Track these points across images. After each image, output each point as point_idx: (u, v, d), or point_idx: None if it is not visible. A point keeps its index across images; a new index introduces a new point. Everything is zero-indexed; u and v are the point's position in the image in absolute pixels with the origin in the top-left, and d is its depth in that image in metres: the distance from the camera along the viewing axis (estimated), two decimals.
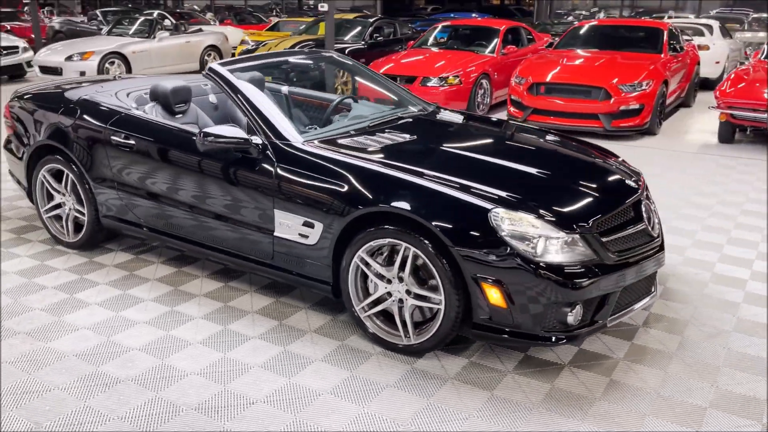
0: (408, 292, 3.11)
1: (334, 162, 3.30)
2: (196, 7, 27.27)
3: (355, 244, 3.17)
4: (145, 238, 4.13)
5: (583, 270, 2.88)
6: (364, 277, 3.25)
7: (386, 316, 3.27)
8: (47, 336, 3.35)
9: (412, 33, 12.94)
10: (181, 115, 4.29)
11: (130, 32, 13.65)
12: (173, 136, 3.78)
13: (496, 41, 10.39)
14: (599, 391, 2.93)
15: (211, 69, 3.83)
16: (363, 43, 11.57)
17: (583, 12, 28.13)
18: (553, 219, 2.92)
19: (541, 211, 2.94)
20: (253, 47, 12.97)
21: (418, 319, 3.20)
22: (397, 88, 4.63)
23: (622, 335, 3.41)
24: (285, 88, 4.72)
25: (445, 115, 4.25)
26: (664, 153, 7.55)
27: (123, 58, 12.51)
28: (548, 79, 8.43)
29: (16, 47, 13.17)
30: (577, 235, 2.92)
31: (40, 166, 4.43)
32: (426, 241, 2.95)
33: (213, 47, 14.28)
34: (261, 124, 3.52)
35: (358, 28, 11.90)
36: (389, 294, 3.18)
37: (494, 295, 2.88)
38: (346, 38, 11.75)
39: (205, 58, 14.08)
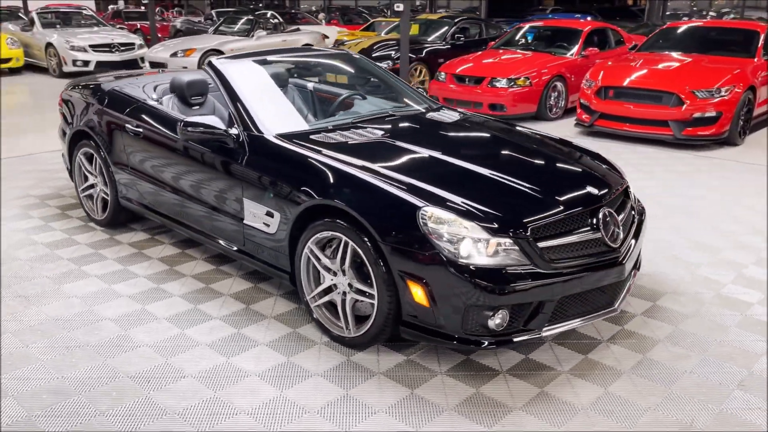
0: (350, 285, 3.16)
1: (293, 154, 3.42)
2: (314, 8, 28.32)
3: (305, 236, 3.26)
4: (154, 219, 4.45)
5: (509, 275, 2.80)
6: (317, 267, 3.33)
7: (335, 307, 3.33)
8: (41, 301, 3.72)
9: (500, 34, 12.72)
10: (197, 107, 4.57)
11: (233, 31, 14.48)
12: (169, 126, 4.04)
13: (578, 43, 10.03)
14: (522, 401, 2.84)
15: (208, 63, 4.06)
16: (444, 43, 11.55)
17: (711, 13, 26.21)
18: (485, 221, 2.86)
19: (474, 213, 2.88)
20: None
21: (369, 313, 3.23)
22: (404, 86, 4.66)
23: (579, 348, 3.26)
24: (308, 84, 4.88)
25: (437, 115, 4.22)
26: (737, 165, 6.97)
27: (221, 54, 13.29)
28: (617, 82, 8.04)
29: (133, 44, 14.38)
30: (509, 239, 2.84)
31: (77, 150, 4.89)
32: (363, 236, 2.99)
33: (309, 46, 14.79)
34: (238, 115, 3.70)
35: (443, 29, 11.89)
36: (335, 286, 3.24)
37: (418, 293, 2.87)
38: (430, 39, 11.77)
39: None
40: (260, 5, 31.28)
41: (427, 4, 27.38)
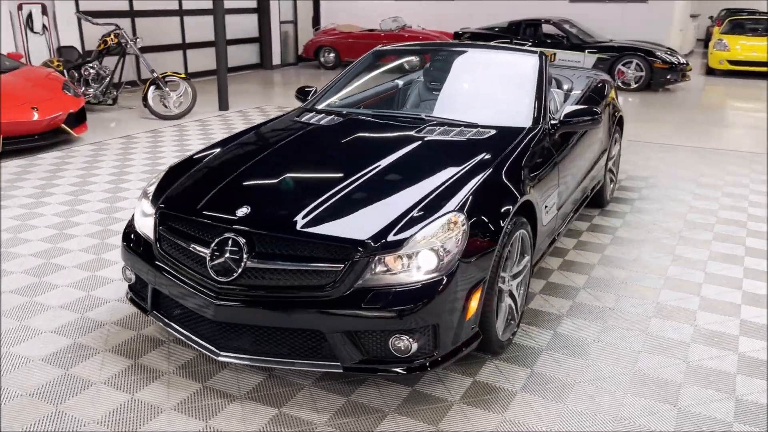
0: None
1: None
2: None
3: None
4: None
5: (134, 242, 2.95)
6: None
7: None
8: None
9: None
10: (436, 92, 4.57)
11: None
12: None
13: None
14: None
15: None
16: None
17: None
18: (155, 197, 2.96)
19: (164, 190, 2.97)
20: None
21: None
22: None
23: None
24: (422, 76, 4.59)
25: (456, 130, 3.41)
26: None
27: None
28: None
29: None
30: (154, 214, 2.88)
31: None
32: None
33: None
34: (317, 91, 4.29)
35: None
36: None
37: None
38: None
39: None
40: None
41: None
